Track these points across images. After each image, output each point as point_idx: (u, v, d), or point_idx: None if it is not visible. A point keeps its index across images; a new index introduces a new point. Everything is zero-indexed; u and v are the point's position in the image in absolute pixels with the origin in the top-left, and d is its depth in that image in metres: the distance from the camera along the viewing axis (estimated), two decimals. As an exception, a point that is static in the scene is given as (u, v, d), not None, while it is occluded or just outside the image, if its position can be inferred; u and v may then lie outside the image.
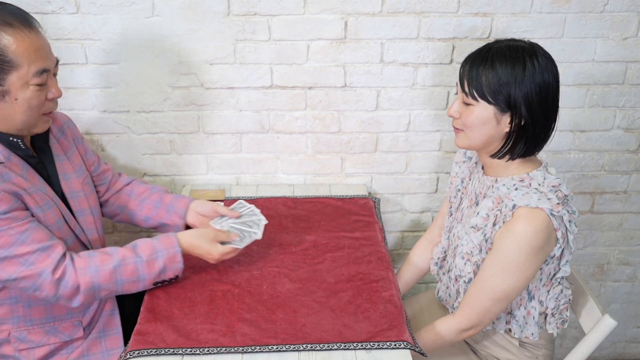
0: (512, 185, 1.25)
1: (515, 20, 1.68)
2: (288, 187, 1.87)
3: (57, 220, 1.31)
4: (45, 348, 1.35)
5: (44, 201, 1.28)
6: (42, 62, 1.20)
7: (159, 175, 1.86)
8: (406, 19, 1.67)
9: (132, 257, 1.30)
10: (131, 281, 1.30)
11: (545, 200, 1.19)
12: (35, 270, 1.21)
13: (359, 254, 1.51)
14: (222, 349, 1.20)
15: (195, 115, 1.77)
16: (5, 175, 1.21)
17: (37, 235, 1.22)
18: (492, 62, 1.20)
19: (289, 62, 1.71)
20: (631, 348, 2.31)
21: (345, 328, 1.26)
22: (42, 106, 1.24)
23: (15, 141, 1.25)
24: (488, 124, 1.23)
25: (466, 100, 1.24)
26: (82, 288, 1.24)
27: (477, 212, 1.29)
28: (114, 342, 1.42)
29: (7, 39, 1.15)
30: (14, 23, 1.17)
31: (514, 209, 1.20)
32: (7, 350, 1.34)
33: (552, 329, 1.34)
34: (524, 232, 1.18)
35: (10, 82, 1.18)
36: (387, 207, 1.95)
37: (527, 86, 1.19)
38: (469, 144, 1.29)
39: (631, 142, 1.88)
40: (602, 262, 2.10)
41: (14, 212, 1.20)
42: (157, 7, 1.62)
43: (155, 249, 1.32)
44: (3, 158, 1.23)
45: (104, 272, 1.26)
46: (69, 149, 1.43)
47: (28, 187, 1.24)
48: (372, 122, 1.81)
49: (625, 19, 1.70)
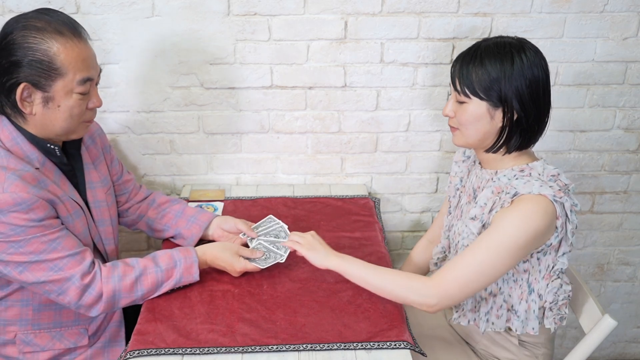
0: (512, 176, 1.26)
1: (515, 20, 1.68)
2: (288, 187, 1.87)
3: (84, 230, 1.32)
4: (49, 353, 1.35)
5: (74, 209, 1.29)
6: (87, 72, 1.23)
7: (159, 175, 1.86)
8: (406, 19, 1.67)
9: (152, 267, 1.31)
10: (150, 290, 1.31)
11: (546, 187, 1.19)
12: (65, 275, 1.22)
13: (359, 254, 1.50)
14: (222, 349, 1.20)
15: (195, 115, 1.78)
16: (43, 182, 1.22)
17: (67, 243, 1.23)
18: (481, 59, 1.23)
19: (289, 62, 1.71)
20: (631, 348, 2.31)
21: (345, 328, 1.26)
22: (82, 114, 1.27)
23: (52, 148, 1.26)
24: (482, 120, 1.25)
25: (459, 98, 1.27)
26: (105, 296, 1.25)
27: (476, 203, 1.30)
28: (117, 353, 1.42)
29: (57, 47, 1.18)
30: (64, 32, 1.19)
31: (515, 196, 1.20)
32: (12, 352, 1.34)
33: (549, 323, 1.34)
34: (529, 212, 1.17)
35: (56, 89, 1.20)
36: (387, 207, 1.95)
37: (517, 81, 1.21)
38: (466, 141, 1.31)
39: (631, 142, 1.88)
40: (602, 262, 2.10)
41: (48, 220, 1.21)
42: (157, 7, 1.62)
43: (174, 259, 1.33)
44: (39, 164, 1.24)
45: (125, 282, 1.27)
46: (97, 157, 1.45)
47: (61, 195, 1.25)
48: (372, 122, 1.81)
49: (625, 19, 1.70)
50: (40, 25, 1.17)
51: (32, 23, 1.17)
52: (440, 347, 1.47)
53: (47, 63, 1.17)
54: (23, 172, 1.19)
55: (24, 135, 1.24)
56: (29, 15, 1.20)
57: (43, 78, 1.18)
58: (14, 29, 1.18)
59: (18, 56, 1.16)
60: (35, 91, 1.19)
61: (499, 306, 1.33)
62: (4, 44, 1.17)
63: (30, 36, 1.16)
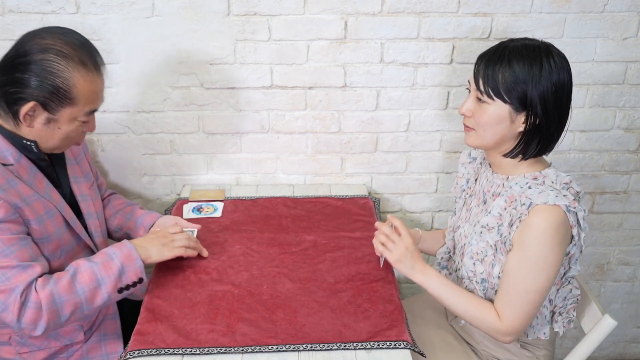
0: (525, 184, 1.24)
1: (515, 20, 1.68)
2: (288, 187, 1.87)
3: (57, 230, 1.30)
4: (45, 351, 1.35)
5: (46, 209, 1.27)
6: (96, 104, 1.26)
7: (159, 175, 1.86)
8: (406, 19, 1.67)
9: (86, 263, 1.26)
10: (92, 288, 1.24)
11: (561, 197, 1.18)
12: (9, 285, 1.16)
13: (359, 254, 1.51)
14: (222, 349, 1.20)
15: (195, 115, 1.77)
16: (11, 182, 1.21)
17: (22, 253, 1.19)
18: (508, 60, 1.19)
19: (289, 62, 1.71)
20: (631, 348, 2.31)
21: (345, 328, 1.26)
22: (77, 137, 1.29)
23: (28, 144, 1.25)
24: (502, 123, 1.23)
25: (481, 98, 1.23)
26: (45, 304, 1.18)
27: (489, 211, 1.28)
28: (113, 346, 1.42)
29: (77, 78, 1.19)
30: (87, 63, 1.21)
31: (530, 207, 1.18)
32: (8, 353, 1.34)
33: (558, 327, 1.34)
34: (544, 227, 1.16)
35: (62, 114, 1.21)
36: (387, 207, 1.95)
37: (543, 85, 1.18)
38: (481, 143, 1.28)
39: (631, 142, 1.88)
40: (602, 262, 2.10)
41: (8, 223, 1.18)
42: (157, 7, 1.62)
43: (108, 253, 1.29)
44: (13, 160, 1.23)
45: (62, 283, 1.21)
46: (79, 154, 1.45)
47: (30, 195, 1.24)
48: (372, 122, 1.81)
49: (625, 19, 1.70)
50: (66, 52, 1.18)
51: (59, 48, 1.17)
52: (440, 348, 1.47)
53: (64, 91, 1.18)
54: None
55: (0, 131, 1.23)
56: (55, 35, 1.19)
57: (54, 102, 1.19)
58: (36, 46, 1.17)
59: (36, 76, 1.16)
60: (42, 111, 1.20)
61: None
62: (23, 60, 1.16)
63: (55, 61, 1.16)
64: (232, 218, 1.67)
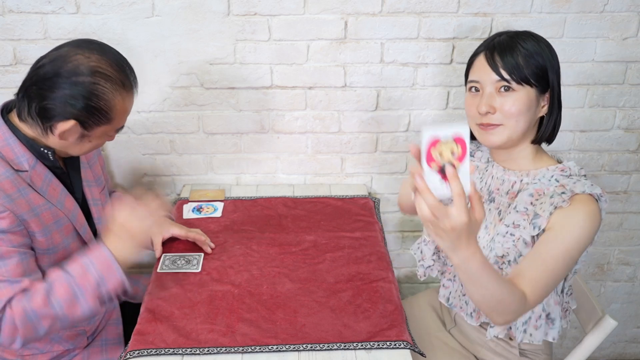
0: (551, 177, 1.23)
1: (516, 20, 1.68)
2: (288, 187, 1.87)
3: (64, 240, 1.28)
4: (47, 355, 1.35)
5: (55, 219, 1.26)
6: (124, 121, 1.28)
7: (159, 175, 1.86)
8: (406, 19, 1.67)
9: (62, 276, 1.20)
10: (68, 300, 1.18)
11: (596, 186, 1.18)
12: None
13: (359, 254, 1.51)
14: (222, 349, 1.20)
15: (195, 115, 1.77)
16: (22, 190, 1.20)
17: (15, 267, 1.16)
18: (522, 46, 1.21)
19: (289, 62, 1.71)
20: (631, 348, 2.31)
21: (345, 328, 1.26)
22: (97, 147, 1.32)
23: (45, 152, 1.25)
24: (531, 108, 1.22)
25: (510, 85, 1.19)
26: (18, 320, 1.15)
27: (515, 208, 1.24)
28: (114, 351, 1.42)
29: (118, 99, 1.21)
30: (126, 85, 1.23)
31: (570, 196, 1.16)
32: (11, 355, 1.33)
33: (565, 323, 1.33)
34: (591, 212, 1.15)
35: (97, 131, 1.23)
36: (387, 207, 1.95)
37: (556, 64, 1.23)
38: (510, 136, 1.23)
39: (631, 142, 1.88)
40: (602, 262, 2.10)
41: (10, 234, 1.16)
42: (157, 7, 1.62)
43: (85, 263, 1.22)
44: (28, 167, 1.22)
45: (36, 299, 1.16)
46: (91, 158, 1.45)
47: (41, 205, 1.22)
48: (372, 122, 1.81)
49: (625, 19, 1.69)
50: (111, 74, 1.19)
51: (103, 69, 1.18)
52: (440, 348, 1.47)
53: (105, 112, 1.20)
54: (3, 178, 1.17)
55: (17, 136, 1.21)
56: (96, 53, 1.19)
57: (93, 122, 1.20)
58: (82, 67, 1.16)
59: (83, 98, 1.16)
60: (79, 129, 1.20)
61: (537, 316, 1.27)
62: (69, 81, 1.15)
63: (101, 84, 1.17)
64: (232, 218, 1.67)
